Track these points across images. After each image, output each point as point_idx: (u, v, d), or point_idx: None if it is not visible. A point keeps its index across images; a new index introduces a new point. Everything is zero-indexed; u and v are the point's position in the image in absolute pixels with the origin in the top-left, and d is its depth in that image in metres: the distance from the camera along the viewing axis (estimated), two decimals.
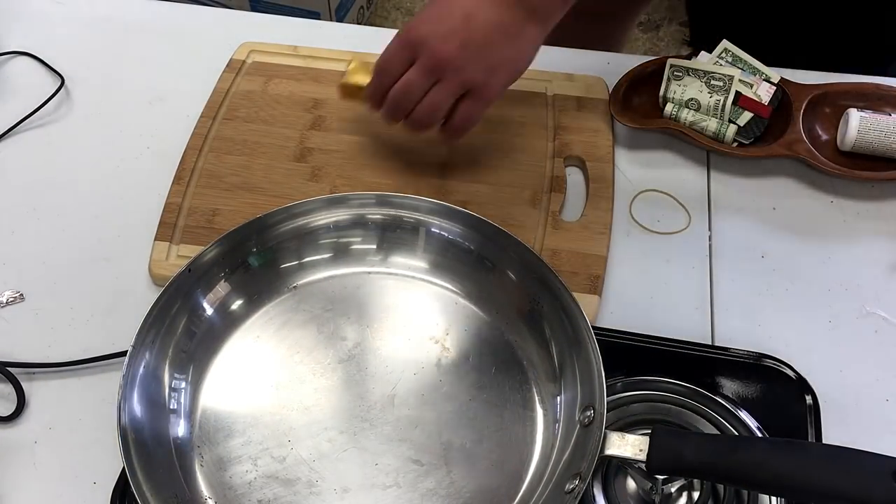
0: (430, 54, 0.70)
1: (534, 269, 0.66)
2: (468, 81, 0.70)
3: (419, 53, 0.70)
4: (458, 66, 0.69)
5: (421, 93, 0.71)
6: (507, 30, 0.70)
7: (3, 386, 0.68)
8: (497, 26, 0.69)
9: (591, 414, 0.58)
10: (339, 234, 0.71)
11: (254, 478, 0.61)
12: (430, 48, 0.69)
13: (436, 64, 0.70)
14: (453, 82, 0.70)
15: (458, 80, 0.70)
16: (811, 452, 0.54)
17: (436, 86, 0.71)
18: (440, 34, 0.69)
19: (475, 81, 0.71)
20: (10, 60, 0.92)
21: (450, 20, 0.69)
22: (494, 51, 0.70)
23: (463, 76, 0.70)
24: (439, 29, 0.69)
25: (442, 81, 0.70)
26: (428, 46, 0.69)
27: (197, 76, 0.88)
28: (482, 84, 0.71)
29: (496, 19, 0.69)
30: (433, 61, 0.70)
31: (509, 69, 0.72)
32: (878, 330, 0.72)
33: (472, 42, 0.69)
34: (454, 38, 0.69)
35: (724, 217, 0.78)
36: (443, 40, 0.69)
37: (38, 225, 0.79)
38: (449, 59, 0.69)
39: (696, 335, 0.71)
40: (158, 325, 0.63)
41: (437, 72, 0.70)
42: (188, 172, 0.80)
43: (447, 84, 0.70)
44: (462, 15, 0.69)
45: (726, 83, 0.80)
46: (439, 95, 0.71)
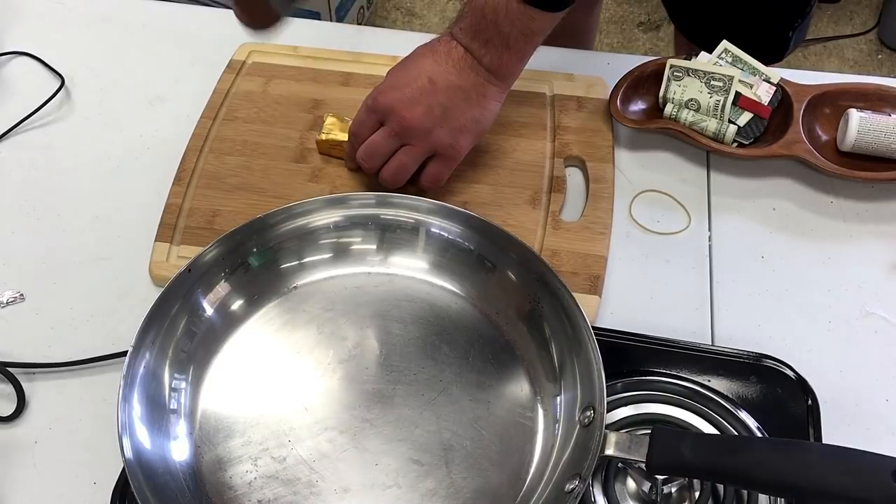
0: (396, 120, 0.72)
1: (534, 270, 0.66)
2: (435, 145, 0.73)
3: (387, 119, 0.73)
4: (425, 131, 0.72)
5: (387, 154, 0.74)
6: (469, 92, 0.72)
7: (4, 386, 0.68)
8: (459, 89, 0.72)
9: (592, 414, 0.58)
10: (339, 235, 0.71)
11: (254, 478, 0.61)
12: (396, 114, 0.72)
13: (402, 129, 0.72)
14: (420, 146, 0.73)
15: (424, 145, 0.73)
16: (811, 452, 0.54)
17: (403, 148, 0.73)
18: (406, 100, 0.71)
19: (441, 144, 0.73)
20: (10, 60, 0.92)
21: (414, 86, 0.72)
22: (459, 113, 0.72)
23: (429, 140, 0.72)
24: (405, 95, 0.71)
25: (409, 145, 0.73)
26: (395, 112, 0.72)
27: (197, 76, 0.88)
28: (448, 146, 0.73)
29: (458, 83, 0.71)
30: (400, 127, 0.72)
31: (474, 129, 0.74)
32: (878, 330, 0.72)
33: (436, 107, 0.71)
34: (419, 104, 0.71)
35: (723, 217, 0.78)
36: (408, 106, 0.71)
37: (38, 225, 0.79)
38: (415, 125, 0.71)
39: (696, 335, 0.71)
40: (158, 326, 0.63)
41: (403, 136, 0.73)
42: (188, 173, 0.80)
43: (414, 148, 0.73)
44: (426, 80, 0.71)
45: (726, 83, 0.80)
46: (406, 158, 0.74)
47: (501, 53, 0.71)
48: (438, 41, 0.74)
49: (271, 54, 0.90)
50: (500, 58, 0.72)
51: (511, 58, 0.72)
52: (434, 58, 0.72)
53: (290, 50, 0.90)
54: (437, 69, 0.72)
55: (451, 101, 0.72)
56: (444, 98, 0.71)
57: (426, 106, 0.71)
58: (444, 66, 0.72)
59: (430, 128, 0.72)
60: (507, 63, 0.72)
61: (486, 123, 0.75)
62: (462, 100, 0.72)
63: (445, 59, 0.72)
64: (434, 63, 0.72)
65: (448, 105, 0.72)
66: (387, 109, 0.72)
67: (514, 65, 0.73)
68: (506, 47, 0.71)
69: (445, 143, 0.73)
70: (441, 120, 0.72)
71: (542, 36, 0.72)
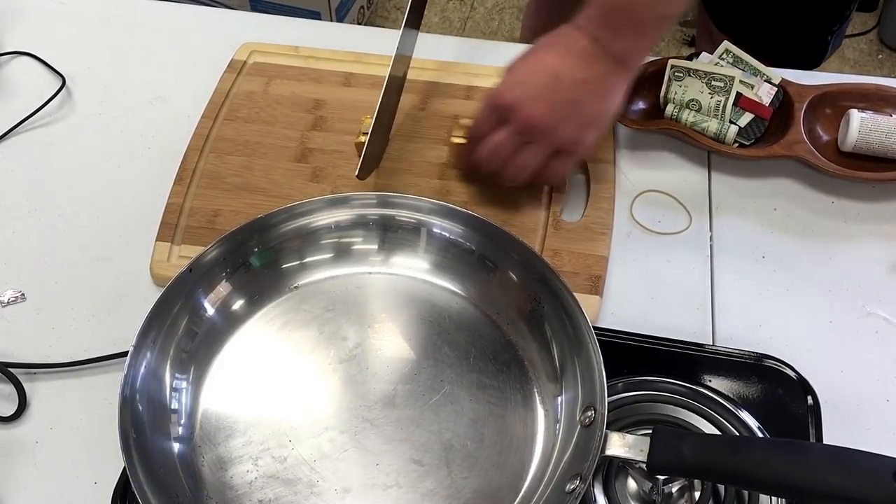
0: (520, 118, 0.69)
1: (535, 270, 0.66)
2: (559, 142, 0.70)
3: (509, 117, 0.70)
4: (550, 128, 0.69)
5: (510, 153, 0.71)
6: (595, 85, 0.69)
7: (5, 386, 0.68)
8: (585, 83, 0.69)
9: (592, 414, 0.58)
10: (341, 235, 0.71)
11: (255, 478, 0.61)
12: (520, 112, 0.69)
13: (526, 128, 0.69)
14: (544, 144, 0.70)
15: (549, 142, 0.70)
16: (811, 452, 0.54)
17: (527, 147, 0.71)
18: (529, 97, 0.68)
19: (567, 141, 0.70)
20: (11, 60, 0.92)
21: (537, 82, 0.69)
22: (584, 108, 0.69)
23: (554, 137, 0.70)
24: (527, 92, 0.69)
25: (533, 143, 0.70)
26: (517, 111, 0.69)
27: (198, 76, 0.88)
28: (574, 143, 0.71)
29: (583, 76, 0.68)
30: (524, 125, 0.69)
31: (599, 124, 0.71)
32: (878, 330, 0.72)
33: (561, 103, 0.68)
34: (543, 101, 0.68)
35: (724, 217, 0.78)
36: (532, 103, 0.68)
37: (39, 225, 0.79)
38: (539, 123, 0.69)
39: (697, 335, 0.71)
40: (159, 326, 0.63)
41: (527, 134, 0.70)
42: (189, 173, 0.80)
43: (539, 146, 0.70)
44: (549, 75, 0.68)
45: (727, 84, 0.80)
46: (530, 157, 0.71)
47: (634, 41, 0.68)
48: (559, 34, 0.70)
49: (272, 54, 0.90)
50: (632, 45, 0.68)
51: (643, 44, 0.69)
52: (556, 51, 0.69)
53: (290, 50, 0.90)
54: (560, 63, 0.69)
55: (577, 96, 0.69)
56: (569, 93, 0.68)
57: (550, 102, 0.68)
58: (568, 59, 0.68)
59: (554, 125, 0.69)
60: (639, 50, 0.70)
61: (610, 116, 0.72)
62: (588, 94, 0.69)
63: (569, 51, 0.68)
64: (557, 56, 0.69)
65: (574, 100, 0.69)
66: (509, 108, 0.69)
67: (644, 52, 0.70)
68: (639, 34, 0.68)
69: (571, 139, 0.70)
70: (567, 116, 0.69)
71: (675, 21, 0.69)
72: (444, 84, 0.87)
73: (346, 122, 0.83)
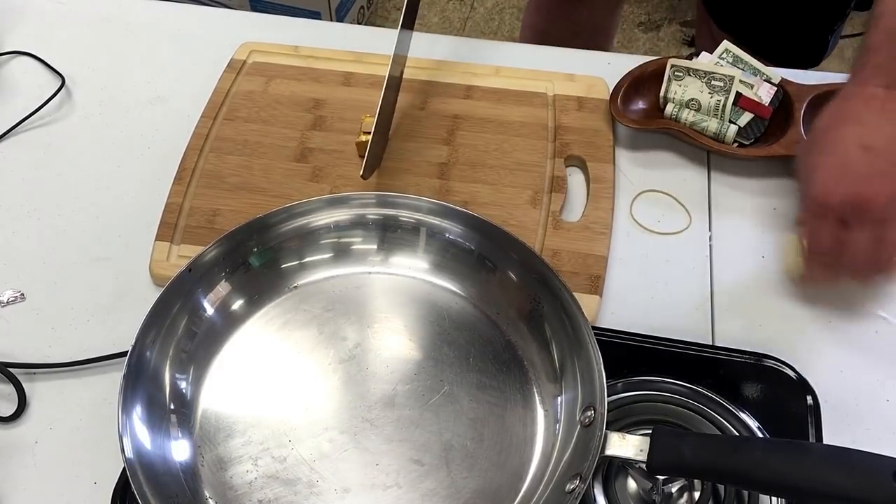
0: (869, 212, 0.63)
1: (534, 270, 0.66)
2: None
3: (852, 215, 0.64)
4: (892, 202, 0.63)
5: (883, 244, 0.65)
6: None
7: (4, 386, 0.68)
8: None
9: (592, 414, 0.58)
10: (340, 235, 0.71)
11: (254, 478, 0.61)
12: (863, 204, 0.63)
13: (878, 214, 0.63)
14: None
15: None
16: (811, 452, 0.54)
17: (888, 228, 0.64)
18: (861, 182, 0.63)
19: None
20: (10, 60, 0.92)
21: (858, 164, 0.63)
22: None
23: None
24: (858, 178, 0.64)
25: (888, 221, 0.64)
26: (858, 204, 0.63)
27: (197, 76, 0.88)
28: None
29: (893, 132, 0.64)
30: (874, 214, 0.63)
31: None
32: (878, 330, 0.72)
33: (891, 174, 0.63)
34: (877, 181, 0.63)
35: (724, 217, 0.78)
36: (869, 187, 0.63)
37: (38, 225, 0.79)
38: (887, 202, 0.63)
39: (697, 335, 0.71)
40: (159, 326, 0.63)
41: (882, 222, 0.64)
42: (189, 172, 0.80)
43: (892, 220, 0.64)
44: (861, 148, 0.63)
45: (727, 84, 0.80)
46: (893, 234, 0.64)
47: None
48: (846, 99, 0.65)
49: (272, 54, 0.90)
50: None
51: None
52: (856, 118, 0.64)
53: (290, 50, 0.90)
54: (867, 132, 0.64)
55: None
56: (892, 160, 0.63)
57: (882, 173, 0.63)
58: (872, 123, 0.64)
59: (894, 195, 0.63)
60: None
61: None
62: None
63: (868, 112, 0.64)
64: (859, 125, 0.64)
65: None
66: (846, 204, 0.63)
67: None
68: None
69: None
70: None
71: None
72: (444, 84, 0.87)
73: (346, 121, 0.83)
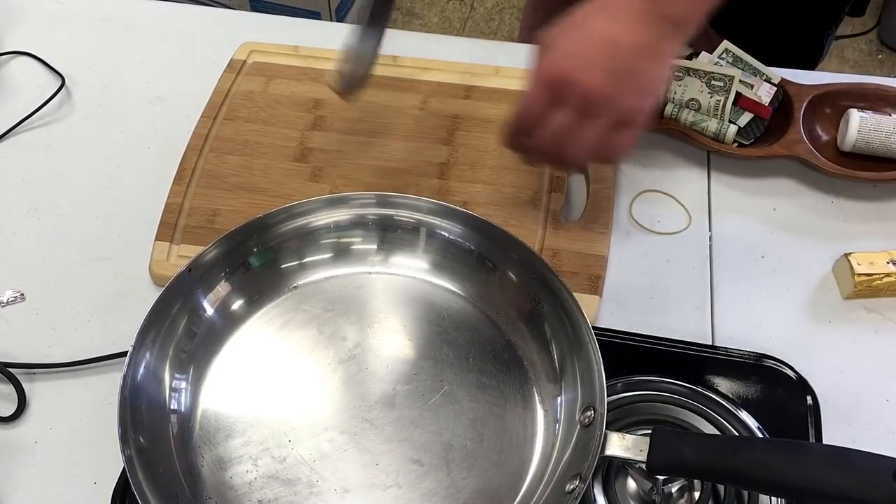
0: (578, 93, 0.63)
1: (534, 270, 0.66)
2: (621, 112, 0.64)
3: (565, 92, 0.64)
4: (610, 98, 0.64)
5: (571, 131, 0.65)
6: (652, 51, 0.64)
7: (4, 386, 0.68)
8: (643, 49, 0.64)
9: (592, 414, 0.58)
10: (340, 235, 0.71)
11: (254, 478, 0.61)
12: (577, 85, 0.63)
13: (587, 102, 0.63)
14: (608, 117, 0.64)
15: (613, 114, 0.64)
16: (811, 452, 0.54)
17: (588, 121, 0.64)
18: (584, 68, 0.63)
19: (628, 110, 0.65)
20: (10, 60, 0.92)
21: (591, 50, 0.63)
22: (643, 74, 0.64)
23: (617, 108, 0.64)
24: (582, 62, 0.63)
25: (594, 118, 0.64)
26: (574, 84, 0.63)
27: (197, 76, 0.88)
28: (636, 111, 0.65)
29: (640, 41, 0.63)
30: (584, 100, 0.63)
31: (656, 90, 0.66)
32: (878, 330, 0.72)
33: (620, 70, 0.63)
34: (601, 69, 0.63)
35: (724, 217, 0.78)
36: (589, 74, 0.63)
37: (38, 225, 0.79)
38: (600, 93, 0.63)
39: (697, 335, 0.71)
40: (159, 326, 0.63)
41: (589, 110, 0.64)
42: (189, 172, 0.80)
43: (602, 120, 0.64)
44: (604, 41, 0.63)
45: (727, 84, 0.80)
46: (593, 132, 0.65)
47: (692, 3, 0.63)
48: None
49: (272, 54, 0.90)
50: (689, 7, 0.63)
51: (700, 7, 0.63)
52: (608, 14, 0.64)
53: (290, 50, 0.90)
54: (614, 27, 0.63)
55: (634, 63, 0.63)
56: (627, 60, 0.63)
57: (608, 70, 0.62)
58: (621, 23, 0.63)
59: (615, 94, 0.63)
60: (695, 13, 0.64)
61: (663, 84, 0.67)
62: (646, 59, 0.64)
63: (623, 14, 0.63)
64: (610, 20, 0.64)
65: (632, 67, 0.63)
66: (562, 81, 0.63)
67: (699, 15, 0.64)
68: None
69: (633, 108, 0.64)
70: (627, 84, 0.63)
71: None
72: (444, 84, 0.87)
73: (346, 121, 0.83)
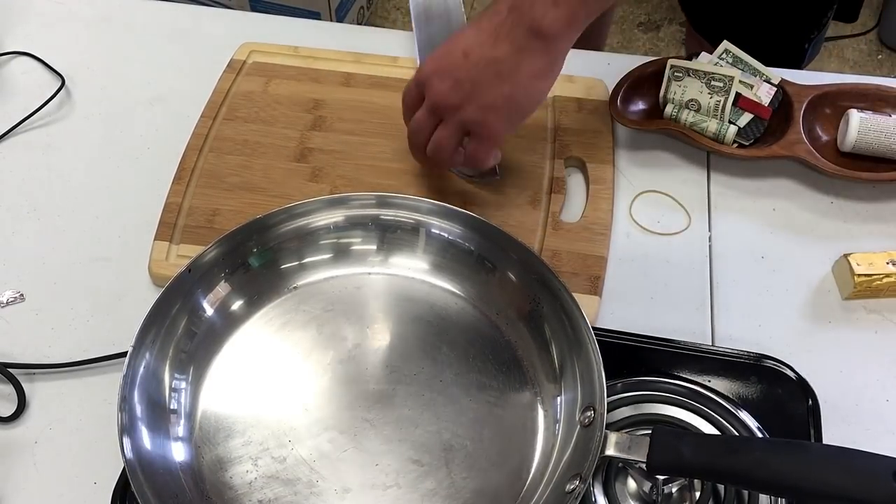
0: (430, 94, 0.69)
1: (534, 270, 0.66)
2: (465, 122, 0.69)
3: (425, 92, 0.70)
4: (452, 107, 0.68)
5: (428, 132, 0.71)
6: (501, 66, 0.67)
7: (4, 386, 0.68)
8: (492, 63, 0.67)
9: (592, 414, 0.58)
10: (340, 235, 0.71)
11: (254, 478, 0.61)
12: (429, 87, 0.69)
13: (434, 104, 0.69)
14: (451, 122, 0.69)
15: (455, 121, 0.69)
16: (811, 452, 0.54)
17: (442, 125, 0.70)
18: (438, 73, 0.68)
19: (470, 121, 0.69)
20: (10, 60, 0.92)
21: (450, 58, 0.68)
22: (485, 89, 0.67)
23: (459, 116, 0.69)
24: (439, 67, 0.68)
25: (443, 121, 0.70)
26: (428, 85, 0.69)
27: (197, 76, 0.88)
28: (478, 123, 0.69)
29: (491, 55, 0.67)
30: (431, 101, 0.69)
31: (507, 107, 0.69)
32: (878, 330, 0.72)
33: (464, 81, 0.67)
34: (449, 78, 0.68)
35: (724, 218, 0.78)
36: (440, 79, 0.68)
37: (38, 225, 0.79)
38: (442, 100, 0.69)
39: (696, 335, 0.71)
40: (158, 326, 0.63)
41: (437, 111, 0.69)
42: (188, 172, 0.80)
43: (447, 124, 0.70)
44: (461, 52, 0.68)
45: (726, 84, 0.80)
46: (441, 135, 0.70)
47: (546, 10, 0.64)
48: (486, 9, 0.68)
49: (272, 54, 0.90)
50: (544, 15, 0.64)
51: (558, 15, 0.65)
52: (477, 26, 0.67)
53: (290, 50, 0.90)
54: (474, 40, 0.67)
55: (480, 76, 0.67)
56: (472, 72, 0.67)
57: (455, 80, 0.67)
58: (482, 35, 0.67)
59: (457, 104, 0.68)
60: (556, 20, 0.65)
61: (522, 101, 0.69)
62: (493, 75, 0.67)
63: (486, 26, 0.67)
64: (474, 32, 0.67)
65: (475, 80, 0.67)
66: (423, 80, 0.69)
67: (562, 23, 0.65)
68: (552, 3, 0.65)
69: (474, 120, 0.68)
70: (469, 95, 0.67)
71: None
72: None
73: (346, 122, 0.84)
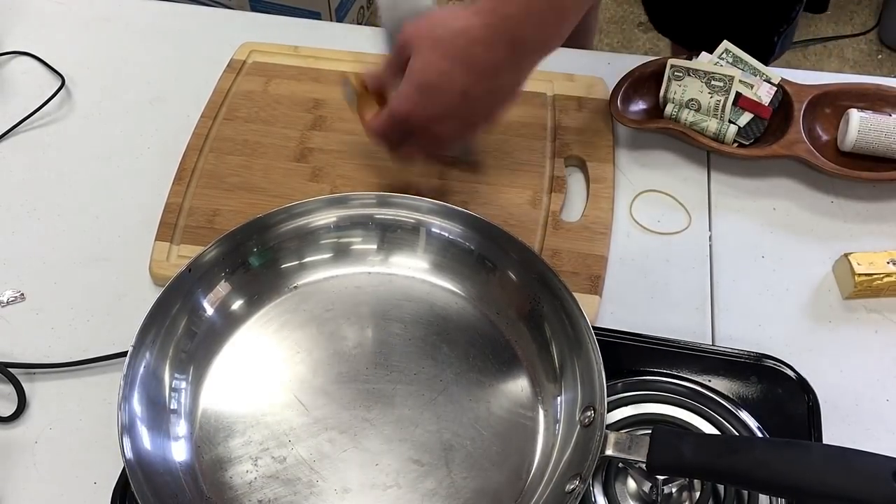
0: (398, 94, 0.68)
1: (534, 270, 0.66)
2: (423, 127, 0.68)
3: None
4: (411, 114, 0.68)
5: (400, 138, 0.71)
6: (476, 91, 0.66)
7: (4, 386, 0.68)
8: (468, 92, 0.66)
9: (592, 414, 0.58)
10: (340, 235, 0.71)
11: (254, 478, 0.61)
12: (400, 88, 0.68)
13: (408, 124, 0.69)
14: (418, 129, 0.69)
15: (419, 125, 0.68)
16: (811, 452, 0.54)
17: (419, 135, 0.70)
18: (409, 97, 0.67)
19: (425, 126, 0.68)
20: (10, 60, 0.92)
21: (418, 61, 0.66)
22: (439, 98, 0.67)
23: (417, 121, 0.68)
24: (417, 63, 0.66)
25: (418, 133, 0.70)
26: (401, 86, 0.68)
27: (197, 76, 0.88)
28: (432, 132, 0.69)
29: (445, 67, 0.65)
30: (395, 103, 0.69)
31: (459, 117, 0.69)
32: (878, 330, 0.72)
33: (423, 87, 0.66)
34: (412, 87, 0.67)
35: (724, 217, 0.78)
36: (403, 104, 0.67)
37: (38, 225, 0.79)
38: (408, 105, 0.67)
39: (696, 335, 0.71)
40: (159, 326, 0.63)
41: (410, 128, 0.70)
42: (189, 172, 0.80)
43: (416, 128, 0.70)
44: (437, 74, 0.66)
45: (727, 84, 0.80)
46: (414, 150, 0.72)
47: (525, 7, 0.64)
48: (441, 9, 0.68)
49: (272, 54, 0.90)
50: (524, 20, 0.64)
51: (519, 15, 0.64)
52: (441, 22, 0.66)
53: (290, 50, 0.90)
54: (449, 62, 0.66)
55: (440, 84, 0.66)
56: (434, 79, 0.66)
57: (416, 86, 0.67)
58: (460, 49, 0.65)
59: (416, 111, 0.68)
60: (539, 28, 0.66)
61: (495, 112, 0.70)
62: (448, 84, 0.66)
63: (450, 18, 0.65)
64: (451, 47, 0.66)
65: (436, 87, 0.67)
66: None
67: (544, 31, 0.66)
68: None
69: (431, 129, 0.69)
70: (425, 104, 0.68)
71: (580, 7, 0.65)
72: None
73: (346, 121, 0.83)
